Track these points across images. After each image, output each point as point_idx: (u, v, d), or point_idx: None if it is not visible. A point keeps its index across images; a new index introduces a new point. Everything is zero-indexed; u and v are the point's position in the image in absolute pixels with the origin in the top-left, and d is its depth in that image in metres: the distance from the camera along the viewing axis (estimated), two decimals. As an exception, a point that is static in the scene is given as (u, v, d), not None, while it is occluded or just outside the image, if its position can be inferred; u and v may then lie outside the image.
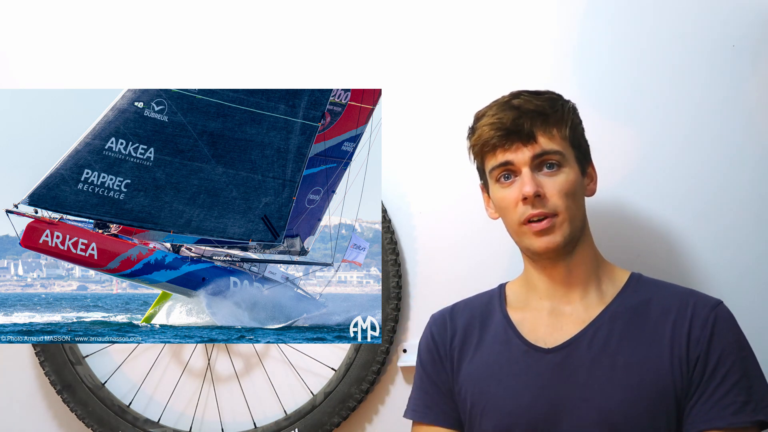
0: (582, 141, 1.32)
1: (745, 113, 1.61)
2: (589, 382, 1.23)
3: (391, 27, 1.79)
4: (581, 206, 1.30)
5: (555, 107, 1.28)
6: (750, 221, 1.60)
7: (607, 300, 1.30)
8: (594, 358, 1.24)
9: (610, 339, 1.25)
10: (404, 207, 1.78)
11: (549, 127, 1.27)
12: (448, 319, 1.40)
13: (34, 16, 1.96)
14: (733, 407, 1.19)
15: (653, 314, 1.26)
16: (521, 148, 1.26)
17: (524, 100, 1.28)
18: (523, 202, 1.26)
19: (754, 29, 1.61)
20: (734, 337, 1.23)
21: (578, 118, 1.33)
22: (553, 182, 1.26)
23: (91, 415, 1.82)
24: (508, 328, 1.33)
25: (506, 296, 1.39)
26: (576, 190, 1.28)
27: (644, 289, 1.31)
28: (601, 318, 1.28)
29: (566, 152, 1.27)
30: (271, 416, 1.81)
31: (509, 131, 1.26)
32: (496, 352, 1.32)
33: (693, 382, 1.21)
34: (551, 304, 1.32)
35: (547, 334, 1.29)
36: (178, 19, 1.90)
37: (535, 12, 1.72)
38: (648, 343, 1.24)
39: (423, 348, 1.42)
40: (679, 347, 1.22)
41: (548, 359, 1.26)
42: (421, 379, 1.40)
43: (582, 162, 1.31)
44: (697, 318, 1.23)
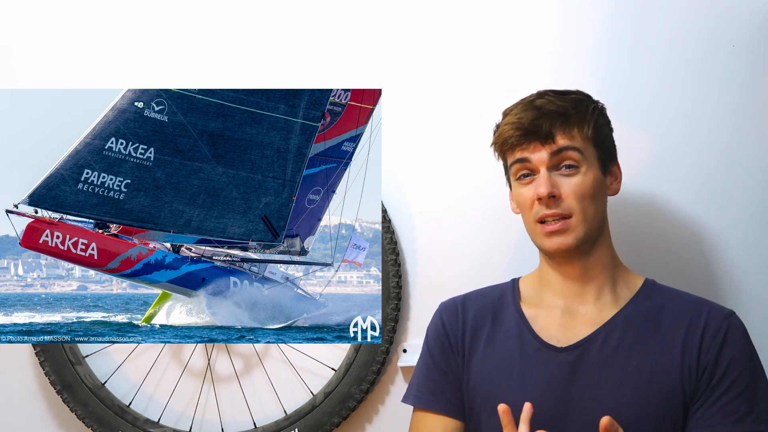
0: (606, 141, 1.32)
1: (744, 113, 1.61)
2: (600, 383, 1.23)
3: (391, 27, 1.79)
4: (600, 207, 1.30)
5: (578, 108, 1.28)
6: (749, 220, 1.60)
7: (622, 303, 1.30)
8: (605, 359, 1.25)
9: (623, 342, 1.26)
10: (404, 207, 1.78)
11: (569, 127, 1.26)
12: (460, 308, 1.39)
13: (35, 16, 1.96)
14: (735, 416, 1.20)
15: (666, 321, 1.27)
16: (539, 147, 1.27)
17: (547, 101, 1.28)
18: (538, 202, 1.26)
19: (754, 29, 1.61)
20: (744, 347, 1.24)
21: (604, 119, 1.32)
22: (570, 183, 1.26)
23: (91, 415, 1.82)
24: (521, 323, 1.33)
25: (520, 291, 1.38)
26: (594, 192, 1.27)
27: (658, 295, 1.31)
28: (615, 321, 1.28)
29: (587, 152, 1.27)
30: (271, 416, 1.80)
31: (528, 131, 1.27)
32: (508, 347, 1.32)
33: (699, 389, 1.22)
34: (565, 302, 1.32)
35: (560, 332, 1.30)
36: (178, 19, 1.90)
37: (535, 13, 1.72)
38: (660, 348, 1.24)
39: (432, 335, 1.41)
40: (690, 355, 1.23)
41: (560, 358, 1.27)
42: (428, 367, 1.39)
43: (605, 161, 1.30)
44: (709, 327, 1.24)
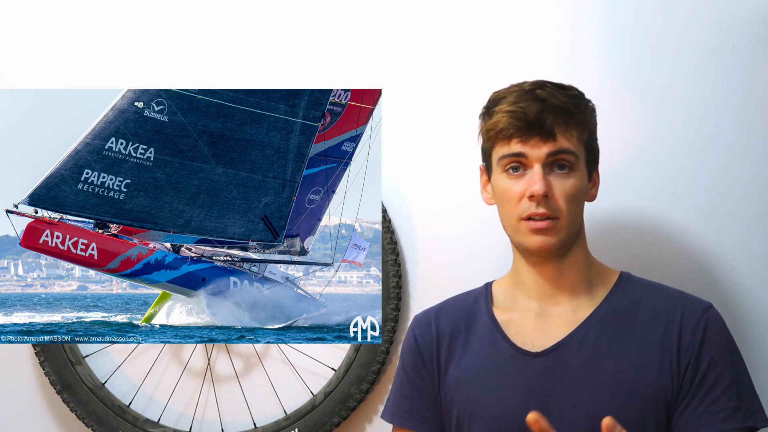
0: (595, 144, 1.28)
1: (744, 113, 1.61)
2: (578, 387, 1.21)
3: (391, 27, 1.79)
4: (581, 211, 1.27)
5: (578, 106, 1.23)
6: (748, 221, 1.60)
7: (597, 301, 1.27)
8: (583, 362, 1.22)
9: (599, 343, 1.23)
10: (404, 207, 1.78)
11: (570, 126, 1.21)
12: (433, 320, 1.36)
13: (34, 16, 1.96)
14: (723, 413, 1.18)
15: (642, 318, 1.24)
16: (539, 143, 1.20)
17: (549, 93, 1.21)
18: (529, 199, 1.21)
19: (754, 29, 1.61)
20: (724, 341, 1.22)
21: (596, 120, 1.28)
22: (562, 185, 1.22)
23: (91, 415, 1.82)
24: (494, 330, 1.29)
25: (493, 296, 1.35)
26: (581, 196, 1.24)
27: (633, 290, 1.28)
28: (590, 321, 1.25)
29: (580, 155, 1.23)
30: (271, 416, 1.80)
31: (530, 123, 1.20)
32: (482, 355, 1.29)
33: (683, 388, 1.20)
34: (539, 304, 1.29)
35: (534, 336, 1.26)
36: (178, 19, 1.90)
37: (535, 13, 1.72)
38: (637, 347, 1.22)
39: (406, 351, 1.38)
40: (669, 352, 1.21)
41: (536, 363, 1.24)
42: (402, 383, 1.37)
43: (590, 166, 1.27)
44: (687, 323, 1.21)
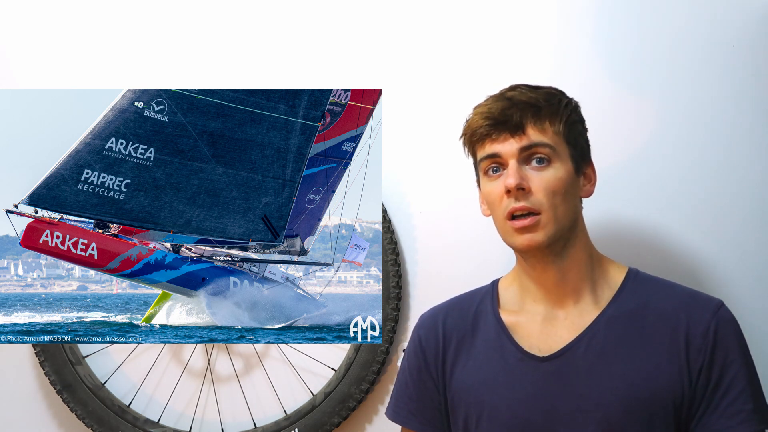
0: (580, 139, 1.27)
1: (744, 113, 1.61)
2: (586, 391, 1.19)
3: (391, 27, 1.79)
4: (572, 206, 1.24)
5: (550, 101, 1.24)
6: (748, 220, 1.60)
7: (603, 304, 1.25)
8: (590, 366, 1.20)
9: (607, 346, 1.21)
10: (404, 207, 1.78)
11: (541, 119, 1.22)
12: (440, 322, 1.35)
13: (35, 16, 1.96)
14: (740, 416, 1.16)
15: (650, 319, 1.22)
16: (509, 138, 1.21)
17: (518, 93, 1.24)
18: (506, 195, 1.21)
19: (754, 29, 1.61)
20: (736, 342, 1.20)
21: (578, 116, 1.28)
22: (540, 177, 1.21)
23: (91, 415, 1.82)
24: (501, 333, 1.28)
25: (499, 296, 1.34)
26: (566, 189, 1.22)
27: (641, 289, 1.26)
28: (597, 324, 1.23)
29: (558, 148, 1.22)
30: (271, 416, 1.80)
31: (498, 121, 1.22)
32: (489, 359, 1.27)
33: (697, 394, 1.18)
34: (545, 308, 1.27)
35: (541, 340, 1.25)
36: (178, 19, 1.90)
37: (535, 14, 1.72)
38: (646, 350, 1.20)
39: (410, 352, 1.38)
40: (678, 355, 1.19)
41: (543, 368, 1.22)
42: (406, 384, 1.37)
43: (578, 161, 1.26)
44: (696, 325, 1.19)
